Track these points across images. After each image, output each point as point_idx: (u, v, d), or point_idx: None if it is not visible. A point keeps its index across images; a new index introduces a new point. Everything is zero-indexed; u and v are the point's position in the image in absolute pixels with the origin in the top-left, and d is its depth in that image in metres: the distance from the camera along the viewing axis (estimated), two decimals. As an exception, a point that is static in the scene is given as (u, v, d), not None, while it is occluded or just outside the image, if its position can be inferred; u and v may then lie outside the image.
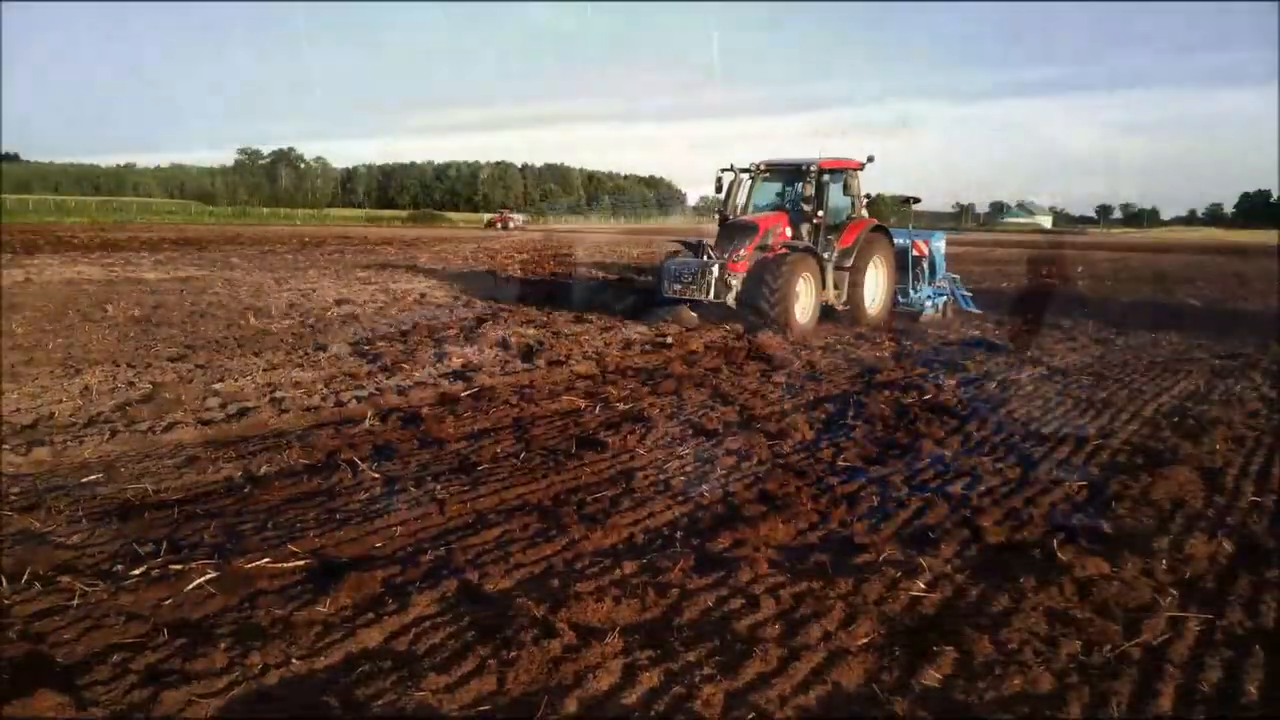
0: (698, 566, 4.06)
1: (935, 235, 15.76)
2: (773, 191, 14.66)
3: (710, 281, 12.65)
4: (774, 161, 14.35)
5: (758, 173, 14.40)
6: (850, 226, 13.86)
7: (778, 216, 13.51)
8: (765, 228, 13.09)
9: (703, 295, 12.70)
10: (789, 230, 13.52)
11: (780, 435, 6.49)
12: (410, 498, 4.96)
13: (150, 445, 6.04)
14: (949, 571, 4.12)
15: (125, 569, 3.91)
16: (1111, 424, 7.21)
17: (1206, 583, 4.11)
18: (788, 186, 14.57)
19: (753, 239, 12.91)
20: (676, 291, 12.93)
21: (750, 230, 13.08)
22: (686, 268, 12.95)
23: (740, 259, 12.79)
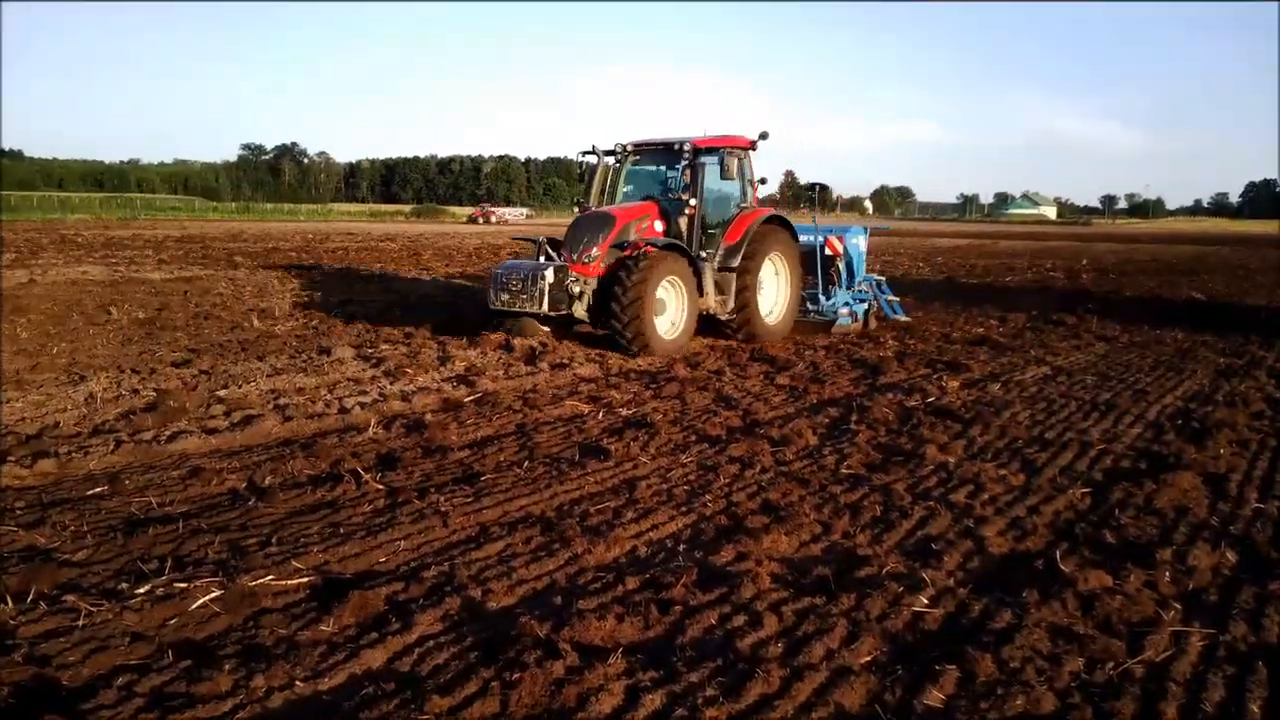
0: (700, 581, 4.06)
1: (852, 231, 13.58)
2: (644, 178, 12.30)
3: (542, 290, 10.20)
4: (643, 141, 12.08)
5: (625, 155, 12.09)
6: (738, 219, 11.68)
7: (644, 207, 11.29)
8: (624, 220, 10.87)
9: (534, 307, 10.31)
10: (660, 224, 11.33)
11: (784, 441, 6.49)
12: (414, 510, 4.97)
13: (155, 456, 6.06)
14: (951, 585, 4.12)
15: (130, 587, 3.92)
16: (1115, 427, 7.20)
17: (1210, 595, 4.11)
18: (663, 171, 12.22)
19: (606, 234, 10.67)
20: (504, 303, 10.56)
21: (603, 224, 10.80)
22: (516, 272, 10.48)
23: (591, 260, 10.57)
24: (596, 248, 10.61)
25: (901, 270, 27.16)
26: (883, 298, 13.90)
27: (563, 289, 10.30)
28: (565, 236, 10.94)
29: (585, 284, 10.47)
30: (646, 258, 10.21)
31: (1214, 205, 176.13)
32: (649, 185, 12.15)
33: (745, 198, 12.06)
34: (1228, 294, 20.82)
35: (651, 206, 11.35)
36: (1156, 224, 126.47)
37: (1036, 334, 12.94)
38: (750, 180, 12.11)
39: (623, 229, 10.82)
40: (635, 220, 11.05)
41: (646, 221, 11.19)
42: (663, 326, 10.55)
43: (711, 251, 11.47)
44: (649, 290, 10.05)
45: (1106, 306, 17.09)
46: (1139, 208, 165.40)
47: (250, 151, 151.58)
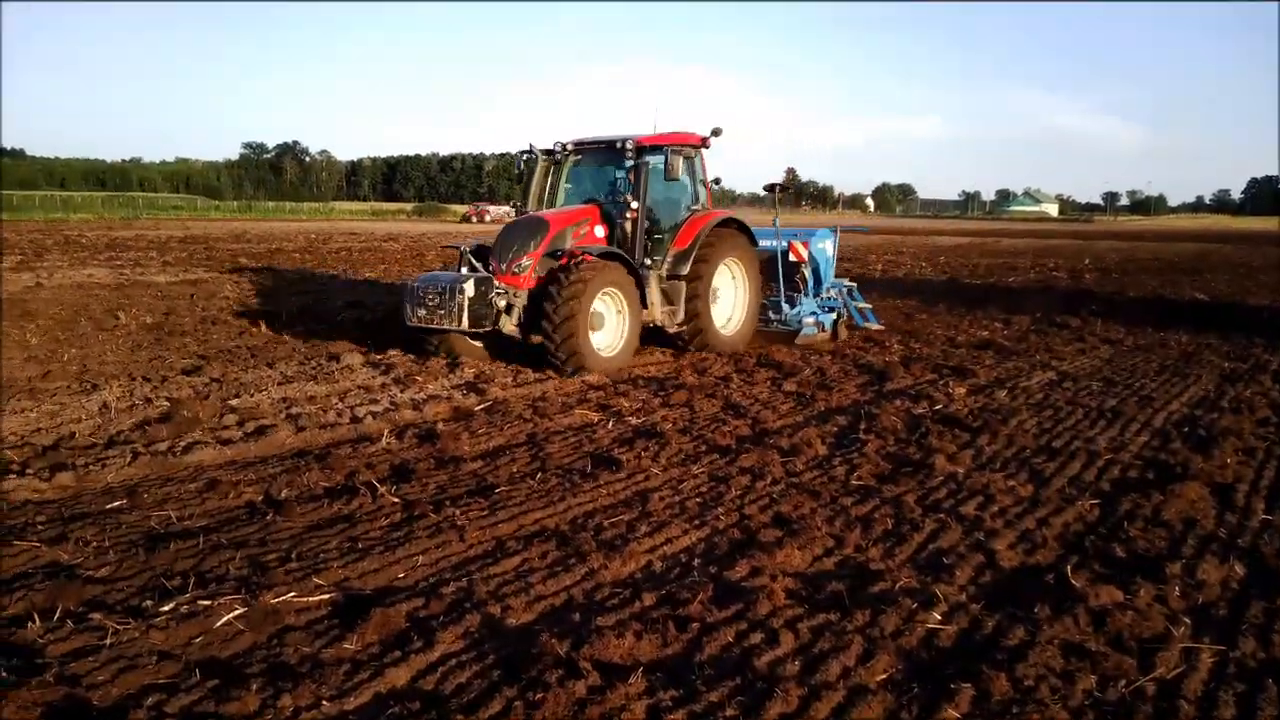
0: (716, 597, 4.12)
1: (819, 234, 12.67)
2: (587, 179, 11.42)
3: (461, 304, 9.22)
4: (584, 140, 11.19)
5: (565, 155, 11.25)
6: (689, 222, 10.91)
7: (583, 211, 10.46)
8: (559, 226, 10.01)
9: (453, 323, 9.32)
10: (601, 229, 10.50)
11: (793, 451, 6.54)
12: (430, 524, 5.02)
13: (171, 468, 6.11)
14: (964, 600, 4.17)
15: (154, 605, 3.98)
16: (1122, 435, 7.25)
17: (1219, 610, 4.16)
18: (607, 172, 11.27)
19: (538, 242, 9.79)
20: (421, 319, 9.55)
21: (535, 230, 9.91)
22: (434, 285, 9.47)
23: (521, 270, 9.70)
24: (527, 256, 9.74)
25: (904, 270, 27.22)
26: (853, 305, 13.20)
27: (486, 303, 9.41)
28: (494, 244, 10.04)
29: (515, 296, 9.64)
30: (581, 268, 9.36)
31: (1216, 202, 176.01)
32: (592, 187, 11.30)
33: (697, 199, 11.33)
34: (1230, 294, 20.87)
35: (592, 210, 10.55)
36: (1158, 221, 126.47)
37: (1041, 337, 13.00)
38: (703, 181, 11.40)
39: (557, 235, 9.96)
40: (572, 226, 10.19)
41: (585, 227, 10.35)
42: (600, 342, 9.78)
43: (659, 258, 10.71)
44: (583, 304, 9.21)
45: (1110, 307, 17.15)
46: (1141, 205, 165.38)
47: (252, 150, 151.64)
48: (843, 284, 13.19)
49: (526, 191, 11.35)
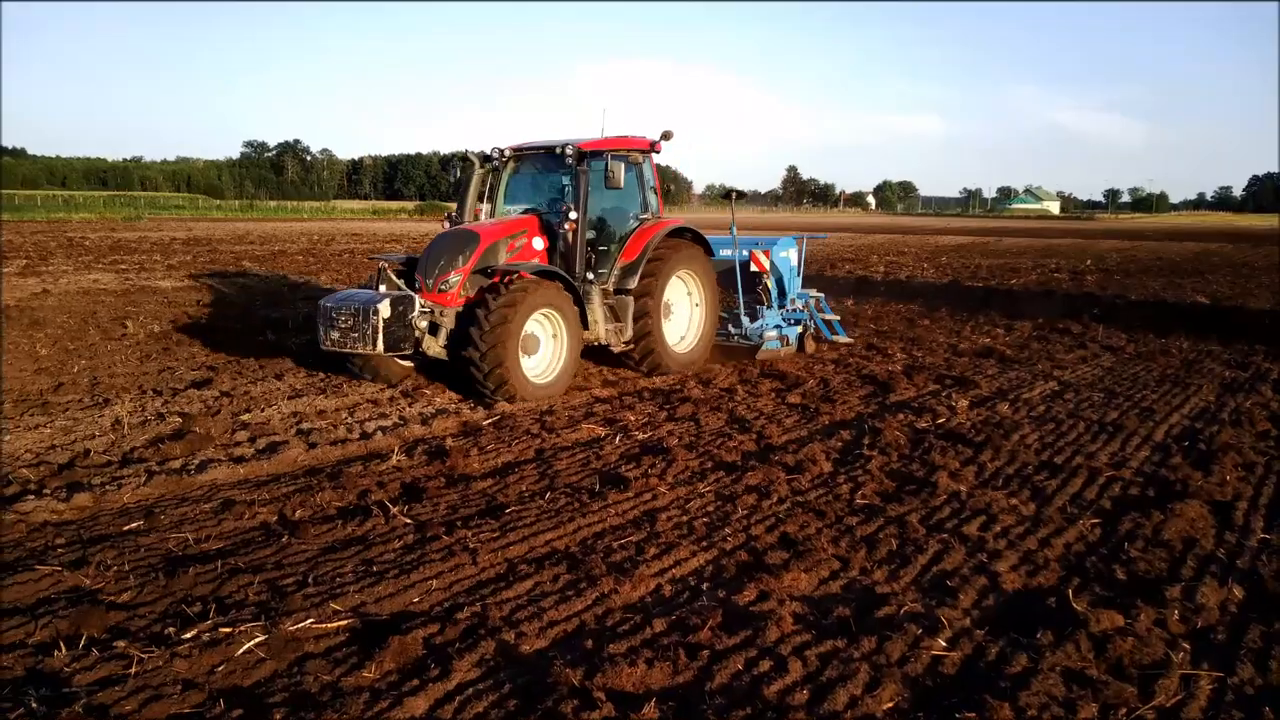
0: (725, 623, 4.20)
1: (781, 242, 12.02)
2: (528, 188, 10.70)
3: (375, 327, 8.42)
4: (523, 145, 10.48)
5: (503, 161, 10.51)
6: (637, 233, 10.22)
7: (520, 222, 9.76)
8: (491, 239, 9.27)
9: (367, 348, 8.54)
10: (540, 241, 9.76)
11: (798, 468, 6.63)
12: (442, 546, 5.11)
13: (186, 487, 6.21)
14: (968, 625, 4.26)
15: (177, 631, 4.07)
16: (1123, 450, 7.34)
17: (1218, 634, 4.24)
18: (549, 180, 10.54)
19: (468, 256, 9.08)
20: (334, 342, 8.78)
21: (464, 243, 9.19)
22: (347, 305, 8.67)
23: (448, 287, 9.02)
24: (455, 272, 9.04)
25: (907, 272, 27.28)
26: (819, 317, 12.59)
27: (405, 324, 8.64)
28: (421, 259, 9.36)
29: (442, 315, 8.91)
30: (512, 287, 8.63)
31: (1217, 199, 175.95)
32: (533, 196, 10.58)
33: (646, 208, 10.58)
34: (1231, 295, 20.94)
35: (530, 221, 9.83)
36: (1160, 218, 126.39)
37: (1043, 344, 13.08)
38: (654, 187, 10.70)
39: (489, 250, 9.24)
40: (506, 238, 9.46)
41: (522, 239, 9.62)
42: (534, 368, 9.08)
43: (604, 271, 10.04)
44: (513, 327, 8.47)
45: (1111, 312, 17.24)
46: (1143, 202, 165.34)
47: (253, 149, 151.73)
48: (809, 294, 12.54)
49: (462, 201, 10.55)
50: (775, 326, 11.77)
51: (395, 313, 8.57)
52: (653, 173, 10.77)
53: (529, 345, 9.01)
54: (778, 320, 11.91)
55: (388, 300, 8.55)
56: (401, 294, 8.82)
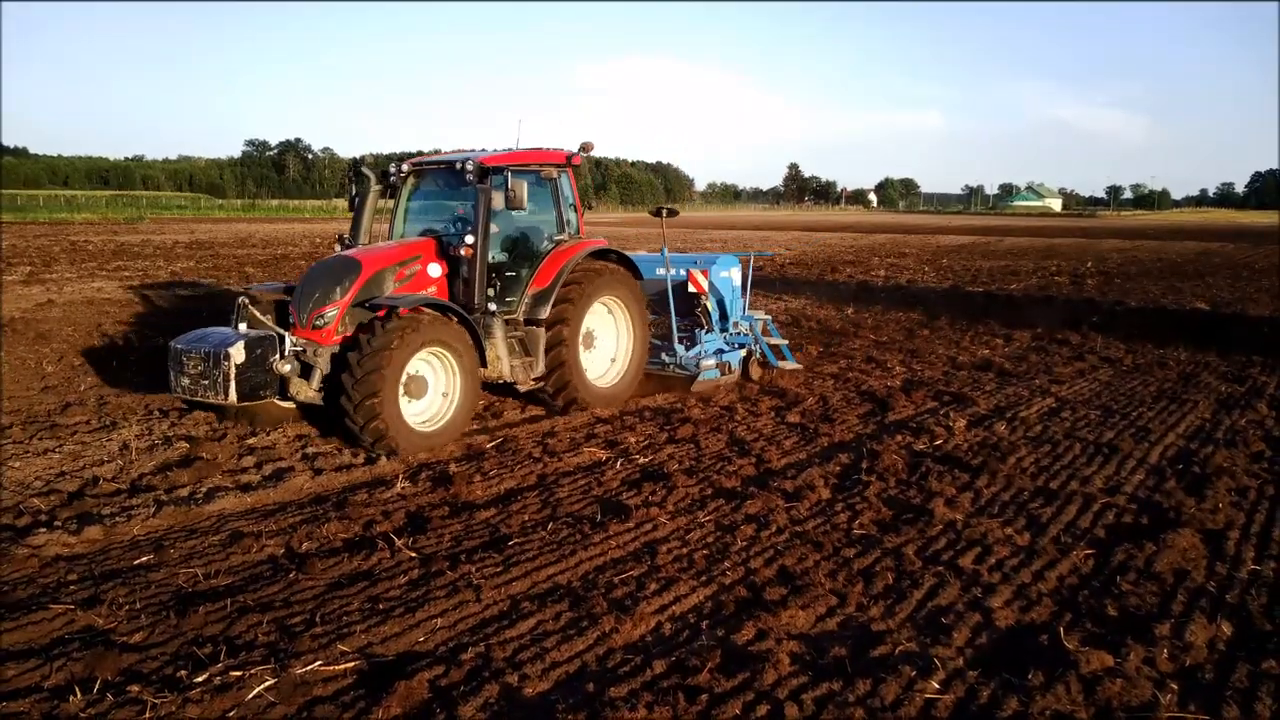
0: (724, 665, 4.30)
1: (721, 261, 11.22)
2: (430, 207, 9.71)
3: (226, 374, 7.52)
4: (422, 160, 9.65)
5: (402, 177, 9.56)
6: (551, 256, 9.30)
7: (413, 247, 8.75)
8: (375, 267, 8.26)
9: (219, 397, 7.63)
10: (438, 268, 8.73)
11: (797, 495, 6.73)
12: (447, 582, 5.21)
13: (194, 518, 6.32)
14: (961, 665, 4.35)
15: (189, 675, 4.17)
16: (1118, 473, 7.43)
17: (1206, 673, 4.34)
18: (452, 198, 9.53)
19: (347, 288, 8.07)
20: (185, 389, 7.89)
21: (343, 273, 8.18)
22: (198, 347, 7.75)
23: (324, 323, 8.00)
24: (331, 306, 8.01)
25: (908, 276, 27.37)
26: (764, 342, 11.55)
27: (264, 369, 7.69)
28: (295, 289, 8.37)
29: (316, 355, 7.93)
30: (390, 324, 7.69)
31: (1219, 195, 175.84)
32: (434, 217, 9.52)
33: (563, 228, 9.66)
34: (1232, 301, 21.03)
35: (426, 245, 8.80)
36: (1162, 216, 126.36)
37: (1041, 356, 13.18)
38: (573, 205, 9.81)
39: (372, 279, 8.23)
40: (394, 266, 8.43)
41: (414, 267, 8.58)
42: (421, 414, 8.17)
43: (513, 300, 9.14)
44: (390, 370, 7.52)
45: (1111, 320, 17.34)
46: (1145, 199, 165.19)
47: (254, 147, 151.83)
48: (754, 317, 11.58)
49: (356, 222, 9.49)
50: (716, 352, 10.91)
51: (251, 357, 7.62)
52: (572, 188, 9.88)
53: (415, 388, 8.07)
54: (719, 345, 11.08)
55: (242, 343, 7.61)
56: (260, 334, 7.83)
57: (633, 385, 10.15)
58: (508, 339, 8.99)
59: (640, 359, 10.17)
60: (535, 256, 9.37)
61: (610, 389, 9.88)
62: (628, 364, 10.11)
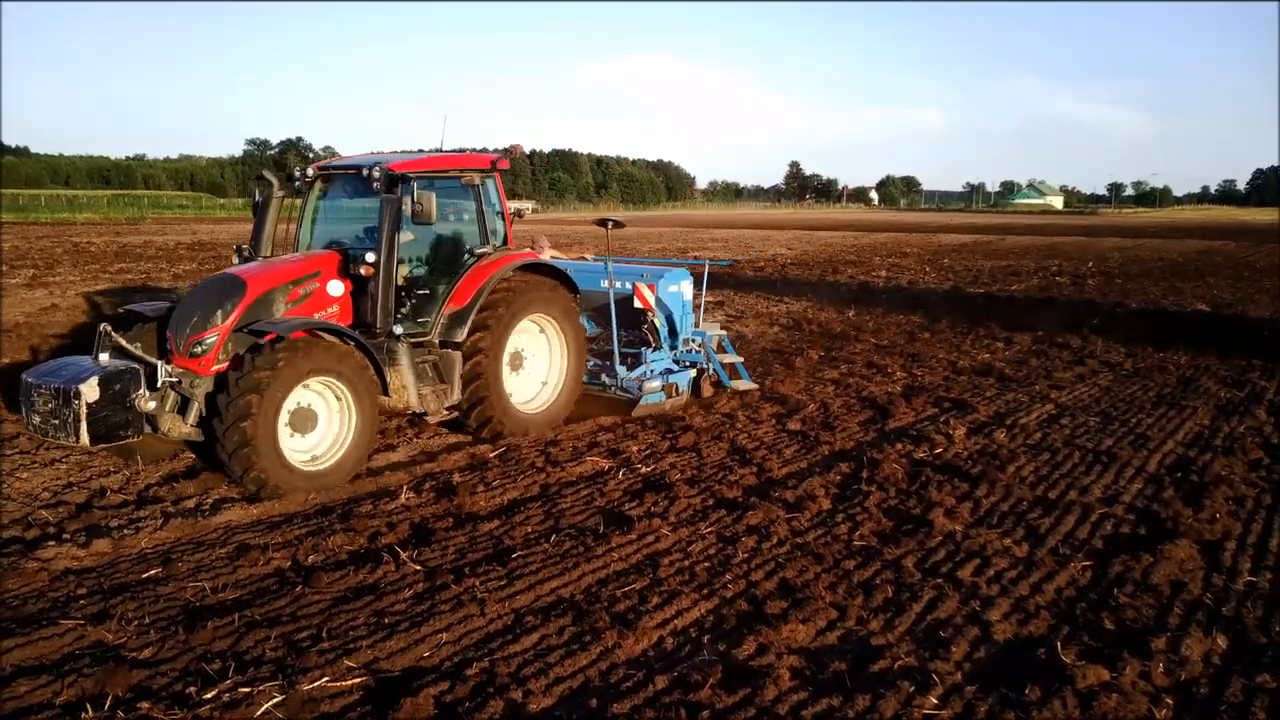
0: (725, 681, 4.36)
1: (670, 275, 10.49)
2: (338, 215, 8.89)
3: (76, 414, 6.69)
4: (329, 164, 8.80)
5: (308, 183, 8.69)
6: (471, 272, 8.51)
7: (312, 262, 7.88)
8: (263, 287, 7.44)
9: (70, 438, 6.81)
10: (340, 285, 7.90)
11: (798, 506, 6.79)
12: (451, 596, 5.27)
13: (201, 530, 6.38)
14: (959, 680, 4.41)
15: (197, 691, 4.24)
16: (1116, 482, 7.48)
17: (1201, 687, 4.40)
18: (359, 207, 8.67)
19: (229, 310, 7.24)
20: (37, 428, 7.09)
21: (226, 293, 7.36)
22: (49, 383, 6.91)
23: (203, 350, 7.16)
24: (212, 331, 7.17)
25: (909, 277, 27.41)
26: (717, 360, 10.79)
27: (125, 406, 6.87)
28: (175, 312, 7.49)
29: (194, 386, 7.15)
30: (264, 353, 6.85)
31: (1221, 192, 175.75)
32: (343, 227, 8.74)
33: (487, 240, 8.80)
34: (1232, 302, 21.07)
35: (328, 260, 7.94)
36: (1164, 213, 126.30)
37: (1041, 360, 13.23)
38: (500, 213, 8.98)
39: (260, 300, 7.39)
40: (287, 285, 7.58)
41: (311, 285, 7.72)
42: (310, 450, 7.34)
43: (427, 320, 8.33)
44: (268, 402, 6.75)
45: (1111, 322, 17.40)
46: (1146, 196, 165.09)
47: (255, 146, 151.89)
48: (706, 334, 10.76)
49: (258, 233, 8.60)
50: (664, 372, 10.18)
51: (107, 393, 6.76)
52: (499, 196, 9.01)
53: (303, 422, 7.27)
54: (669, 363, 10.35)
55: (96, 378, 6.72)
56: (122, 367, 6.96)
57: (566, 409, 9.40)
58: (419, 364, 8.18)
59: (575, 381, 9.42)
60: (454, 272, 8.56)
61: (540, 414, 9.11)
62: (560, 387, 9.32)
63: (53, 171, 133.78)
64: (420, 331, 8.32)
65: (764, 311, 18.89)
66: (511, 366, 8.92)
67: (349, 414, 7.44)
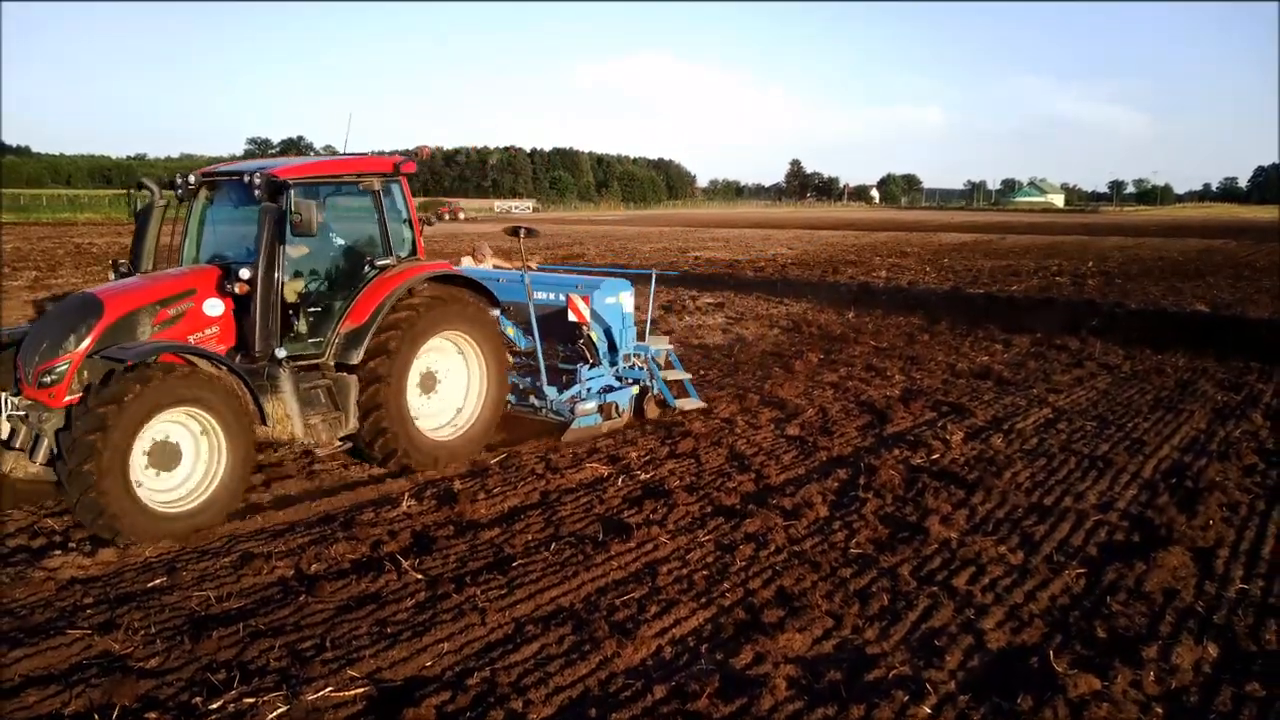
0: (722, 690, 4.43)
1: (606, 285, 9.61)
2: (224, 227, 8.00)
3: None
4: (212, 171, 8.10)
5: (191, 190, 7.89)
6: (372, 286, 7.76)
7: (188, 279, 7.16)
8: (122, 309, 6.71)
9: None
10: (219, 305, 7.14)
11: (795, 513, 6.85)
12: (453, 605, 5.35)
13: (205, 539, 6.45)
14: (953, 689, 4.48)
15: (204, 702, 4.31)
16: (1112, 488, 7.54)
17: (1191, 696, 4.47)
18: (244, 218, 7.67)
19: (84, 335, 6.53)
20: None
21: (80, 316, 6.67)
22: None
23: (53, 379, 6.43)
24: (64, 358, 6.45)
25: (909, 277, 27.47)
26: (660, 378, 9.97)
27: None
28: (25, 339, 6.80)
29: (43, 420, 6.46)
30: (111, 387, 6.12)
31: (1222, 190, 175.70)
32: (227, 239, 7.88)
33: (390, 251, 8.01)
34: (1231, 302, 21.12)
35: (205, 277, 7.20)
36: (1165, 211, 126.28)
37: (1040, 362, 13.29)
38: (407, 220, 8.26)
39: (120, 323, 6.66)
40: (153, 305, 6.82)
41: (184, 305, 6.97)
42: (172, 489, 6.57)
43: (319, 341, 7.57)
44: (118, 437, 6.07)
45: (1110, 323, 17.45)
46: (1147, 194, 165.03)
47: (256, 146, 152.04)
48: (650, 349, 9.93)
49: (137, 246, 7.90)
50: (603, 390, 9.43)
51: None
52: (406, 201, 8.29)
53: (165, 458, 6.52)
54: (609, 381, 9.54)
55: None
56: None
57: (485, 434, 8.57)
58: (308, 390, 7.37)
59: (495, 404, 8.58)
60: (353, 287, 7.80)
61: (456, 441, 8.32)
62: (478, 411, 8.48)
63: (54, 171, 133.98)
64: (313, 353, 7.55)
65: (764, 313, 18.96)
66: (423, 389, 8.20)
67: (217, 449, 6.68)
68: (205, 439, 6.69)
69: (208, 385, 6.58)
